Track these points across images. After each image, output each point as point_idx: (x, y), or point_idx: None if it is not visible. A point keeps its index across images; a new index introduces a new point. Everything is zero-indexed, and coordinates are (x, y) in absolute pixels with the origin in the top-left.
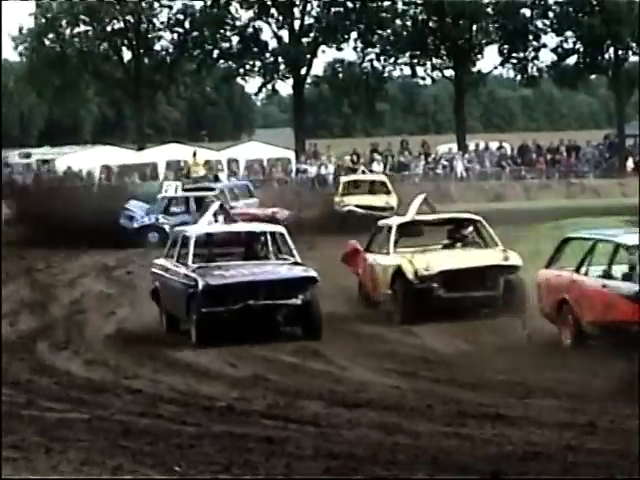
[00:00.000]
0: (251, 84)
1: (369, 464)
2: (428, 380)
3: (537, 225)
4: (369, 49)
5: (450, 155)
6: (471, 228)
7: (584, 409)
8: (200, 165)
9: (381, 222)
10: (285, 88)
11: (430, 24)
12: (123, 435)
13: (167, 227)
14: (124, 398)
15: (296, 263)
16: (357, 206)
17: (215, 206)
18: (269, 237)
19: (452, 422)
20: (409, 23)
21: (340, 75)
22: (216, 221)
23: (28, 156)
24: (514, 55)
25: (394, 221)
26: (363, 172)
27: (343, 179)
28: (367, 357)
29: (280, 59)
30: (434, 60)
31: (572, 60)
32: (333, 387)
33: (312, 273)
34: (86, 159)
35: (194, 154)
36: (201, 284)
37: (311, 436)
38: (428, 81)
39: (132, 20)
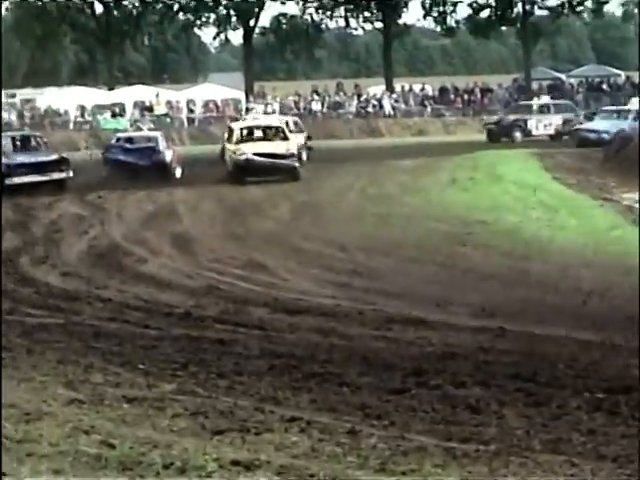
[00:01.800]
0: (206, 34)
1: (308, 362)
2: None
3: (454, 156)
4: (309, 3)
5: (379, 96)
6: None
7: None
8: (162, 104)
9: None
10: (236, 37)
11: None
12: (94, 337)
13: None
14: (95, 305)
15: None
16: (255, 154)
17: None
18: None
19: (380, 327)
20: None
21: (284, 26)
22: None
23: (13, 96)
24: (435, 9)
25: None
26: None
27: (236, 125)
28: None
29: (232, 12)
30: (365, 13)
31: (485, 13)
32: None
33: None
34: (63, 98)
35: (157, 95)
36: None
37: (257, 338)
38: (360, 31)
39: None
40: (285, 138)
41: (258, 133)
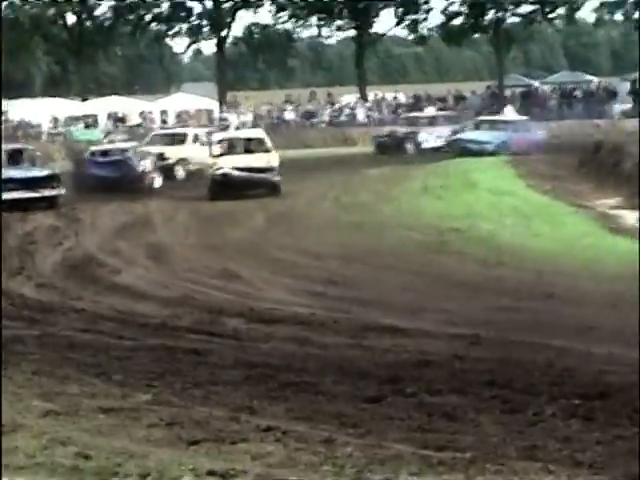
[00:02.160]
0: (179, 44)
1: (283, 372)
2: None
3: (425, 164)
4: (281, 13)
5: (352, 104)
6: None
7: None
8: (135, 114)
9: None
10: (208, 47)
11: None
12: (69, 348)
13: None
14: (70, 316)
15: None
16: (235, 168)
17: None
18: None
19: (355, 335)
20: None
21: (256, 36)
22: None
23: None
24: (407, 17)
25: None
26: (237, 128)
27: (215, 137)
28: None
29: (204, 22)
30: (338, 22)
31: (458, 21)
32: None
33: None
34: (36, 110)
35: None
36: None
37: (232, 348)
38: (333, 40)
39: None
40: (267, 150)
41: (239, 145)
